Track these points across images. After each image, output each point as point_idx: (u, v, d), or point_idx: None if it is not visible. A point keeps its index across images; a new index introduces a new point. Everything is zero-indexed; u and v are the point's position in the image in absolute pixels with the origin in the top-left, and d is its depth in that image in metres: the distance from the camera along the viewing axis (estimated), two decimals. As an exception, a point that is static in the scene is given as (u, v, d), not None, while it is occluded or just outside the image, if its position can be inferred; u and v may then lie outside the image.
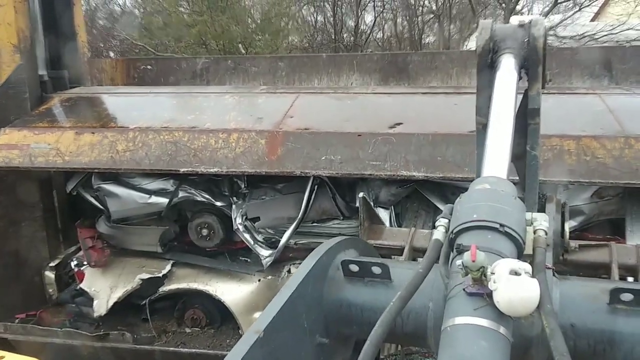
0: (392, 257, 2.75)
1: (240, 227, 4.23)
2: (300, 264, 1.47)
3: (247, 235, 4.23)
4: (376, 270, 1.44)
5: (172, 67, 5.99)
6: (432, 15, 21.35)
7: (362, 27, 24.00)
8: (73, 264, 4.68)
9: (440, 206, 3.97)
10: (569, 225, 1.79)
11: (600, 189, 3.75)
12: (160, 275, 4.37)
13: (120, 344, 4.14)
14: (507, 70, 1.69)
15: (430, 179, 3.68)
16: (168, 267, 4.41)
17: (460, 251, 1.11)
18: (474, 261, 1.02)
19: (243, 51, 17.21)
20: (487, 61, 1.75)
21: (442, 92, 4.54)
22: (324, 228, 4.21)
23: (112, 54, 19.92)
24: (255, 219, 4.30)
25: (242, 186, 4.36)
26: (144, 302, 4.40)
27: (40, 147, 4.09)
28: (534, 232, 1.26)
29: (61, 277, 4.77)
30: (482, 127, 1.73)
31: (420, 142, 3.70)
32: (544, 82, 1.80)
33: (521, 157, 1.79)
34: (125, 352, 4.21)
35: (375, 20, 23.98)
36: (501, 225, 1.16)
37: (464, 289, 1.06)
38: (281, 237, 4.15)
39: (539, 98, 1.76)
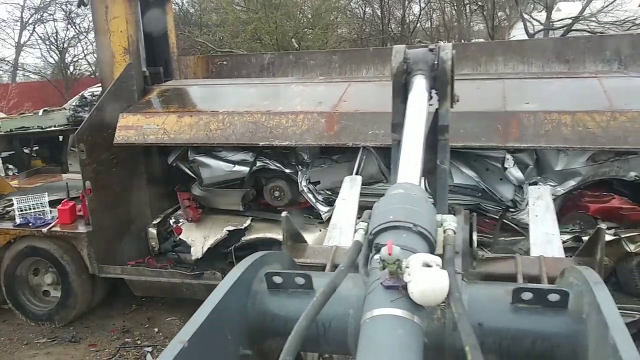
0: None
1: (305, 189, 5.35)
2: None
3: (310, 196, 5.33)
4: (299, 280, 1.45)
5: (244, 62, 7.10)
6: (479, 4, 21.56)
7: (410, 17, 24.40)
8: (171, 221, 5.88)
9: (464, 169, 4.92)
10: (475, 235, 1.93)
11: (594, 154, 4.61)
12: (242, 227, 5.52)
13: (212, 280, 5.25)
14: (419, 90, 1.82)
15: (454, 148, 4.60)
16: (248, 222, 5.56)
17: (378, 249, 1.16)
18: (390, 255, 1.08)
19: (296, 45, 18.04)
20: (402, 82, 1.89)
21: (467, 78, 5.42)
22: (372, 189, 5.16)
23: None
24: (316, 183, 5.39)
25: (306, 157, 5.47)
26: (229, 249, 5.53)
27: (151, 128, 5.26)
28: (444, 232, 1.37)
29: (161, 233, 5.95)
30: (398, 144, 1.79)
31: None
32: (452, 101, 1.95)
33: (432, 172, 1.92)
34: (216, 287, 5.33)
35: (421, 11, 24.27)
36: (414, 224, 1.24)
37: (381, 283, 1.11)
38: (337, 197, 5.19)
39: (448, 116, 1.94)
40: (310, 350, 1.75)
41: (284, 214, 2.56)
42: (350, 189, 3.68)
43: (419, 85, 1.83)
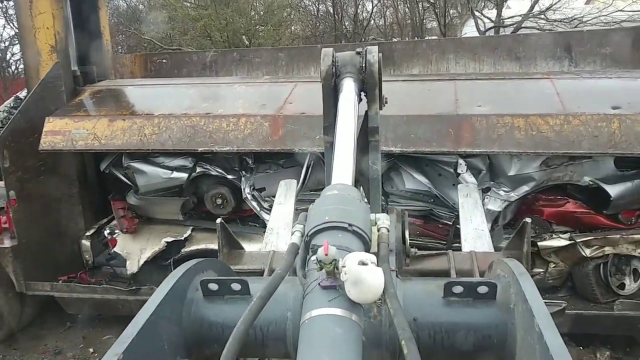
0: None
1: (249, 197, 5.00)
2: None
3: (254, 203, 4.99)
4: (235, 287, 1.44)
5: (185, 60, 6.72)
6: (431, 1, 21.68)
7: (363, 14, 24.38)
8: (106, 232, 5.45)
9: (416, 175, 4.71)
10: (408, 233, 1.97)
11: (547, 158, 4.45)
12: (182, 238, 5.15)
13: (150, 296, 4.88)
14: (348, 93, 1.86)
15: (405, 153, 4.43)
16: (188, 232, 5.19)
17: (315, 250, 1.18)
18: (326, 255, 1.09)
19: (247, 42, 17.71)
20: (331, 85, 1.92)
21: (417, 79, 5.22)
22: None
23: (120, 50, 20.56)
24: (261, 189, 5.06)
25: (250, 162, 5.12)
26: (168, 261, 5.16)
27: (80, 133, 4.83)
28: (378, 230, 1.41)
29: (95, 245, 5.53)
30: (330, 146, 1.82)
31: (397, 122, 4.39)
32: (381, 103, 1.97)
33: (365, 173, 1.94)
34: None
35: (374, 8, 24.30)
36: (349, 224, 1.26)
37: (318, 284, 1.12)
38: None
39: (377, 117, 1.95)
40: (250, 356, 1.72)
41: (218, 220, 2.55)
42: (286, 192, 3.57)
43: (348, 88, 1.86)
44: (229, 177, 5.08)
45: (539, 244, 4.38)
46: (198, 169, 5.12)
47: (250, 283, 1.44)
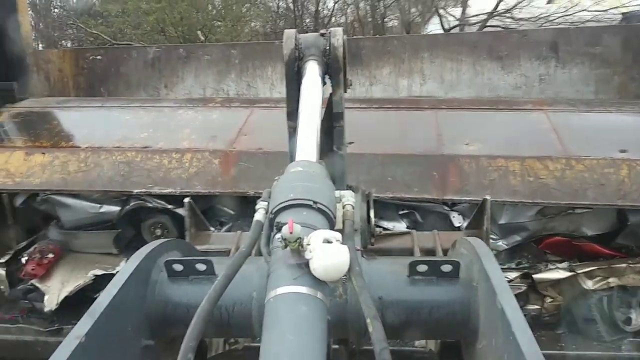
0: None
1: (193, 223, 4.21)
2: None
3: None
4: (200, 267, 1.45)
5: (122, 56, 5.90)
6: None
7: (324, 12, 23.89)
8: (24, 259, 4.58)
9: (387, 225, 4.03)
10: (373, 213, 1.89)
11: (544, 207, 3.84)
12: (114, 272, 4.30)
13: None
14: (312, 76, 1.78)
15: (381, 199, 3.68)
16: (122, 264, 4.33)
17: (279, 227, 1.14)
18: (291, 233, 1.07)
19: (202, 38, 16.93)
20: (294, 69, 1.84)
21: (392, 107, 4.55)
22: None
23: (69, 44, 19.46)
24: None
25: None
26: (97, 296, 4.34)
27: None
28: (343, 207, 1.38)
29: (12, 274, 4.67)
30: (293, 131, 1.77)
31: (371, 162, 3.74)
32: (345, 87, 1.90)
33: (329, 155, 1.90)
34: (81, 347, 4.17)
35: (335, 5, 23.82)
36: (314, 202, 1.23)
37: (283, 261, 1.11)
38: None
39: (342, 103, 1.87)
40: (215, 337, 1.78)
41: (186, 200, 2.52)
42: None
43: (312, 71, 1.81)
44: (170, 207, 4.25)
45: (534, 276, 3.76)
46: (132, 202, 4.24)
47: (215, 263, 1.46)
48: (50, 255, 4.39)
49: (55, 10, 21.77)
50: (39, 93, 5.29)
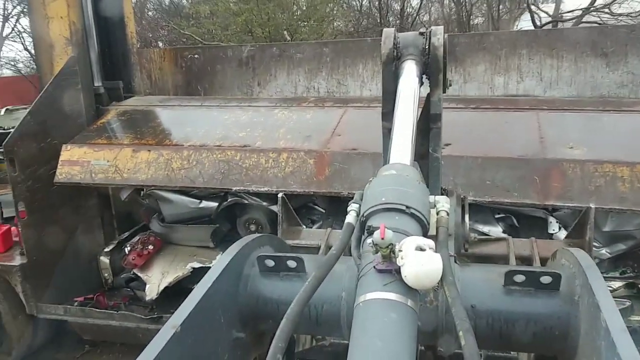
0: None
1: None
2: None
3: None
4: (291, 264, 1.46)
5: (219, 55, 6.06)
6: (480, -4, 20.79)
7: (408, 10, 23.60)
8: (127, 249, 4.81)
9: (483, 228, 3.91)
10: (468, 217, 1.84)
11: None
12: (211, 265, 4.43)
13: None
14: (410, 76, 1.74)
15: (479, 203, 3.56)
16: (218, 257, 4.46)
17: (371, 232, 1.13)
18: (383, 239, 1.06)
19: (288, 38, 17.17)
20: (392, 68, 1.79)
21: (491, 108, 4.37)
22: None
23: (160, 44, 20.30)
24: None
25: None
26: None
27: (100, 164, 4.25)
28: (437, 214, 1.32)
29: (115, 262, 4.91)
30: (388, 132, 1.73)
31: (469, 165, 3.62)
32: (445, 88, 1.83)
33: (424, 157, 1.85)
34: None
35: (421, 3, 23.47)
36: (407, 207, 1.20)
37: (374, 267, 1.09)
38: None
39: (440, 104, 1.81)
40: (304, 333, 1.87)
41: (280, 194, 2.62)
42: None
43: (410, 71, 1.76)
44: (264, 204, 4.36)
45: (639, 285, 3.54)
46: (230, 198, 4.45)
47: (306, 261, 1.46)
48: (151, 247, 4.59)
49: (150, 12, 22.82)
50: (142, 91, 5.54)
